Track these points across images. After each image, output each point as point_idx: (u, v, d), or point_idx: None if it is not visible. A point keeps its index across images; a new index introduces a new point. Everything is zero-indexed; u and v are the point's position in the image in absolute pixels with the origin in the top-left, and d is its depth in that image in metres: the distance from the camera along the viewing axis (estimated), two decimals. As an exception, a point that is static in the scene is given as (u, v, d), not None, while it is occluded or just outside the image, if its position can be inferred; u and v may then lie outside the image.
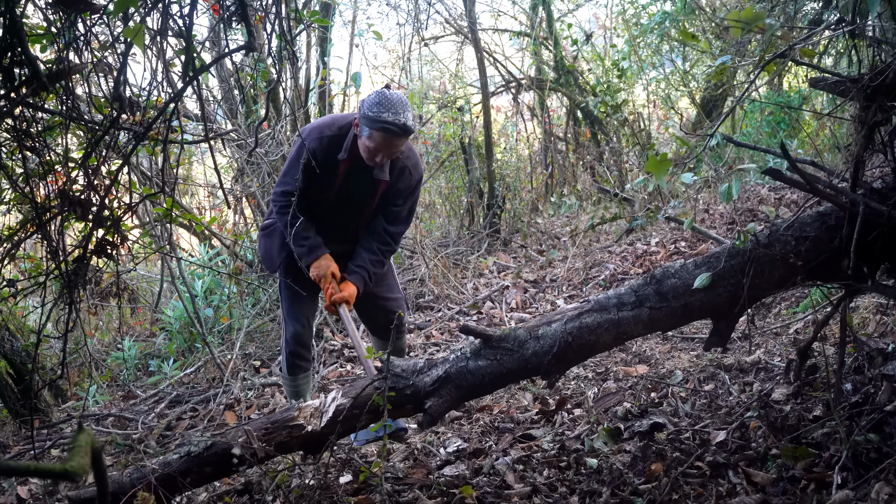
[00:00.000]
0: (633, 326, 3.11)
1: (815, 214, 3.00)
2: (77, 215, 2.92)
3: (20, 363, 5.38)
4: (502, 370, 3.16)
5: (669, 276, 3.08)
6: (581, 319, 3.13)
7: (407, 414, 3.36)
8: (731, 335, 3.29)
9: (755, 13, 2.30)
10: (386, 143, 3.65)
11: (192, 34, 2.55)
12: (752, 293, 3.00)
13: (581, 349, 3.15)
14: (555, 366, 3.15)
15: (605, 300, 3.15)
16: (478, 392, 3.32)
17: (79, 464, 1.25)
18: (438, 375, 3.18)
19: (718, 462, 3.13)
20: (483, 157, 9.85)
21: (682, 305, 3.06)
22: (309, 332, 4.40)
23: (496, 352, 3.15)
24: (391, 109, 3.59)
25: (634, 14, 11.96)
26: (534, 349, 3.13)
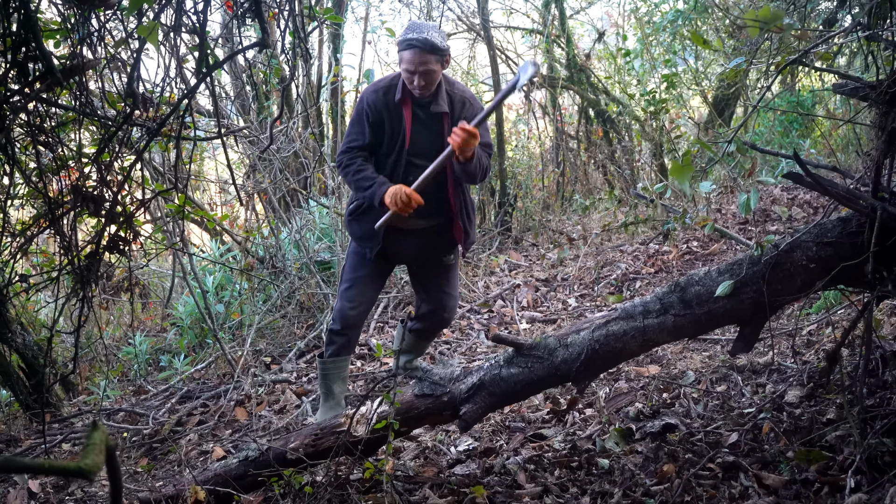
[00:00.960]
0: (659, 334, 3.16)
1: (836, 220, 2.99)
2: (90, 211, 2.92)
3: (32, 357, 5.39)
4: (533, 377, 3.27)
5: (693, 284, 3.11)
6: (608, 327, 3.20)
7: (445, 420, 3.50)
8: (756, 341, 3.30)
9: (773, 13, 2.28)
10: (413, 59, 3.82)
11: (205, 30, 2.55)
12: (774, 299, 3.01)
13: (608, 356, 3.23)
14: (583, 373, 3.23)
15: (630, 308, 3.21)
16: (510, 399, 3.45)
17: (93, 461, 1.24)
18: (473, 383, 3.33)
19: (731, 464, 3.11)
20: (494, 154, 9.82)
21: (705, 312, 3.09)
22: (358, 315, 4.37)
23: (527, 360, 3.27)
24: (415, 30, 3.81)
25: (647, 12, 11.93)
26: (563, 357, 3.23)
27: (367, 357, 5.93)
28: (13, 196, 3.68)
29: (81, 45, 2.67)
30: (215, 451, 4.40)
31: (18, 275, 3.66)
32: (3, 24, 2.49)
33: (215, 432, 4.85)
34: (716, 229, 4.36)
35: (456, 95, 4.05)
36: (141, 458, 4.61)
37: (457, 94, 4.06)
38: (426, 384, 3.42)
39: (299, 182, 8.34)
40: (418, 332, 4.65)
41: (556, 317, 6.28)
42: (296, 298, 6.89)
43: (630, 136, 11.47)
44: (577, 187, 11.74)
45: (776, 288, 2.98)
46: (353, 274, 4.36)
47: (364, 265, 4.32)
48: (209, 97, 8.00)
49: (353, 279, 4.33)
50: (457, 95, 4.06)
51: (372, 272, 4.33)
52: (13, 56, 2.44)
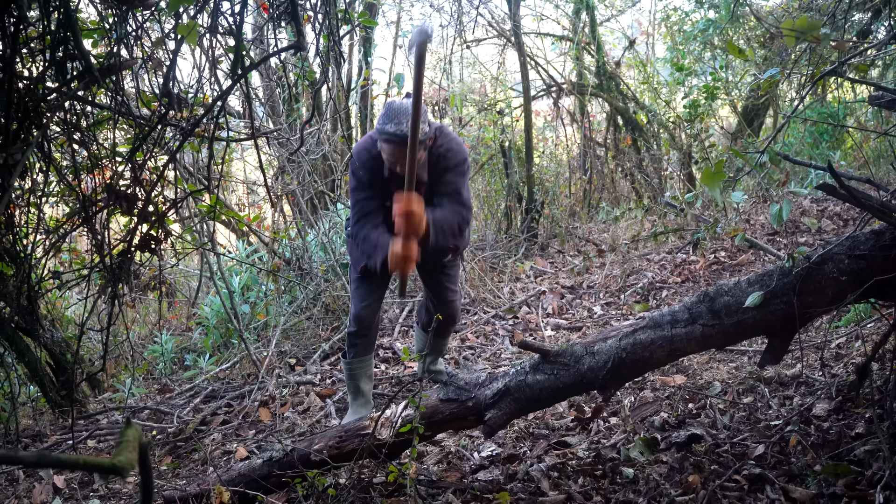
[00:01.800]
0: (686, 343, 3.15)
1: (869, 233, 2.97)
2: (122, 209, 2.94)
3: (59, 353, 5.44)
4: (559, 384, 3.27)
5: (722, 294, 3.10)
6: (635, 336, 3.19)
7: (469, 425, 3.50)
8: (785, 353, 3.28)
9: (810, 22, 2.26)
10: (392, 152, 3.78)
11: (241, 32, 2.56)
12: (805, 311, 2.98)
13: (635, 365, 3.22)
14: (610, 381, 3.23)
15: (658, 317, 3.20)
16: (536, 405, 3.45)
17: (127, 458, 1.25)
18: (498, 389, 3.33)
19: (757, 476, 3.09)
20: (522, 161, 9.82)
21: (734, 323, 3.07)
22: (370, 314, 4.43)
23: (553, 366, 3.27)
24: (393, 119, 3.70)
25: (677, 21, 11.90)
26: (589, 364, 3.22)
27: (392, 360, 5.94)
28: (48, 193, 3.71)
29: (119, 45, 2.70)
30: (239, 451, 4.42)
31: (51, 271, 3.69)
32: (44, 23, 2.51)
33: (239, 432, 4.87)
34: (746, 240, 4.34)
35: (434, 152, 4.00)
36: (165, 457, 4.63)
37: (435, 151, 4.00)
38: (451, 389, 3.42)
39: (327, 184, 8.37)
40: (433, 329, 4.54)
41: (581, 324, 6.26)
42: (321, 300, 6.91)
43: (658, 145, 11.43)
44: (604, 195, 11.72)
45: (807, 300, 2.96)
46: (357, 273, 4.41)
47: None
48: (240, 99, 8.07)
49: (359, 278, 4.37)
50: (434, 152, 3.99)
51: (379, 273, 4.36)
52: (52, 54, 2.47)
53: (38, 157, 3.01)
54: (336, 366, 6.03)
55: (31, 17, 2.90)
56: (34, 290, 3.43)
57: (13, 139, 2.55)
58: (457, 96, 9.96)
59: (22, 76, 2.83)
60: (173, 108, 2.81)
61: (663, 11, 12.26)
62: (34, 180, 3.25)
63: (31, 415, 5.69)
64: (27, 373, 5.51)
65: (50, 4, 2.50)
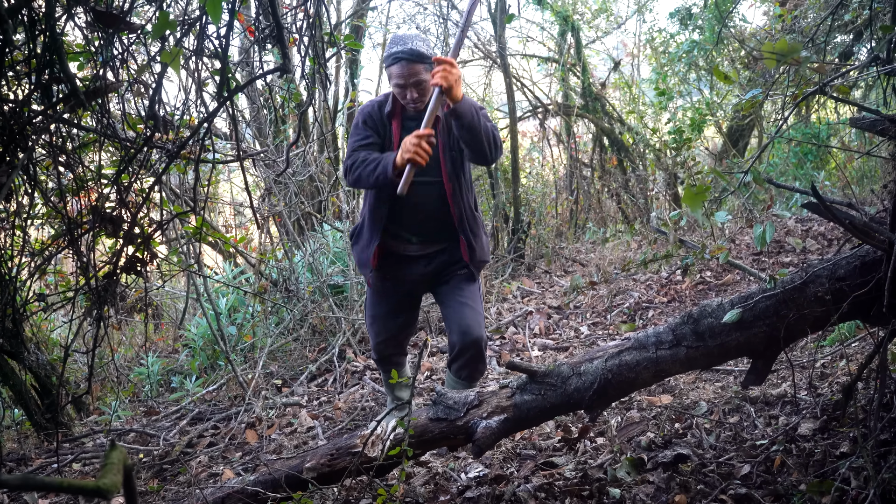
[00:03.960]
0: (671, 365, 3.18)
1: (851, 255, 2.99)
2: (108, 231, 2.94)
3: (45, 376, 5.42)
4: (546, 404, 3.29)
5: (706, 316, 3.12)
6: (621, 357, 3.22)
7: (458, 444, 3.51)
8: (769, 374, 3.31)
9: (790, 45, 2.29)
10: (402, 73, 3.77)
11: (227, 55, 2.58)
12: (788, 333, 3.01)
13: (621, 385, 3.25)
14: (596, 401, 3.25)
15: (644, 339, 3.23)
16: (523, 425, 3.45)
17: (111, 481, 1.25)
18: (488, 410, 3.35)
19: (743, 496, 3.10)
20: (509, 181, 9.86)
21: (718, 345, 3.10)
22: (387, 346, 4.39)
23: (541, 387, 3.30)
24: (398, 42, 3.75)
25: (662, 42, 11.99)
26: (576, 385, 3.25)
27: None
28: (33, 216, 3.71)
29: (104, 68, 2.70)
30: (226, 473, 4.40)
31: (36, 294, 3.68)
32: (29, 46, 2.52)
33: (226, 454, 4.86)
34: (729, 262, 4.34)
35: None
36: (151, 479, 4.61)
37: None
38: (440, 408, 3.42)
39: (314, 206, 8.38)
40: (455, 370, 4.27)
41: (568, 344, 6.27)
42: (308, 322, 6.91)
43: (644, 165, 11.50)
44: (590, 215, 11.76)
45: (790, 322, 2.99)
46: (371, 311, 4.37)
47: (381, 302, 4.31)
48: (227, 121, 8.09)
49: (373, 317, 4.35)
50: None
51: (392, 308, 4.30)
52: (37, 77, 2.47)
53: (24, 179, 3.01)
54: (323, 387, 6.02)
55: (16, 41, 2.91)
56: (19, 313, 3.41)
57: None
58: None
59: (7, 99, 2.84)
60: (159, 130, 2.81)
61: (648, 33, 12.37)
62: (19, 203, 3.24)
63: (15, 438, 5.66)
64: (12, 396, 5.48)
65: (35, 28, 2.51)
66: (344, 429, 5.03)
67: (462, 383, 4.23)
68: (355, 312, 6.98)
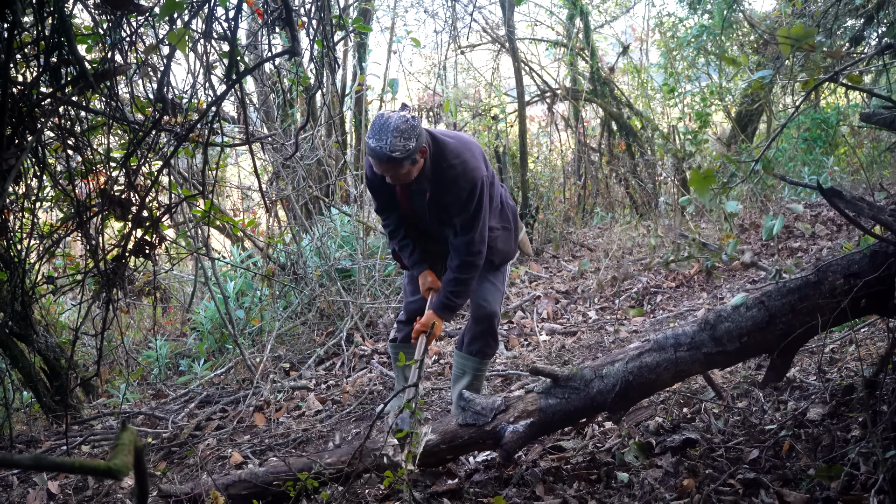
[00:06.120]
0: (691, 365, 3.24)
1: (864, 251, 3.00)
2: (117, 215, 2.94)
3: (53, 359, 5.43)
4: (570, 408, 3.37)
5: (723, 321, 3.17)
6: (641, 359, 3.28)
7: (487, 448, 3.61)
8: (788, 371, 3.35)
9: (805, 31, 2.27)
10: (378, 167, 3.72)
11: (236, 37, 2.57)
12: (804, 332, 3.04)
13: (642, 387, 3.31)
14: (619, 403, 3.31)
15: (663, 340, 3.28)
16: (549, 428, 3.52)
17: (122, 462, 1.25)
18: (514, 413, 3.43)
19: (751, 480, 3.09)
20: (517, 166, 9.83)
21: (737, 348, 3.15)
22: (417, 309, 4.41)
23: (565, 391, 3.38)
24: (375, 135, 3.62)
25: (671, 27, 11.92)
26: (598, 388, 3.32)
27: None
28: (42, 198, 3.71)
29: (113, 50, 2.70)
30: (234, 457, 4.41)
31: (45, 276, 3.68)
32: (38, 28, 2.52)
33: (234, 437, 4.87)
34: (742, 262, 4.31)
35: (446, 173, 3.87)
36: (160, 462, 4.62)
37: (446, 172, 3.87)
38: (469, 414, 3.51)
39: (322, 190, 8.38)
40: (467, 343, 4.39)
41: (575, 329, 6.27)
42: (316, 305, 6.91)
43: (653, 150, 11.45)
44: (598, 200, 11.73)
45: (805, 319, 3.03)
46: (404, 291, 4.56)
47: (411, 282, 4.44)
48: (235, 104, 8.08)
49: (409, 275, 4.43)
50: (446, 173, 3.87)
51: (417, 289, 4.38)
52: (46, 60, 2.47)
53: (33, 162, 3.01)
54: (331, 371, 6.03)
55: (25, 23, 2.90)
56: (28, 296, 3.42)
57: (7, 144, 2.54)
58: (451, 102, 9.95)
59: (16, 81, 2.83)
60: (168, 113, 2.81)
61: (657, 17, 12.29)
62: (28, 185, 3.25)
63: (25, 420, 5.68)
64: (21, 378, 5.50)
65: (44, 10, 2.50)
66: (352, 413, 5.04)
67: (472, 359, 4.30)
68: (363, 296, 6.99)
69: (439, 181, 3.88)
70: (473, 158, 3.93)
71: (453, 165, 3.86)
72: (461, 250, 3.98)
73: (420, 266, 4.26)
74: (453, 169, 3.85)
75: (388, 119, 3.65)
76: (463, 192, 3.87)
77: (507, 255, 4.30)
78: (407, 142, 3.62)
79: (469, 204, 3.89)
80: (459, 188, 3.86)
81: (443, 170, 3.85)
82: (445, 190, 3.89)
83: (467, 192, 3.86)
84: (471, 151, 3.96)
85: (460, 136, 4.13)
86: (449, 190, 3.88)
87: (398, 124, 3.62)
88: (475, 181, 3.88)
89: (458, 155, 3.89)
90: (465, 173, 3.86)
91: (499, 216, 4.24)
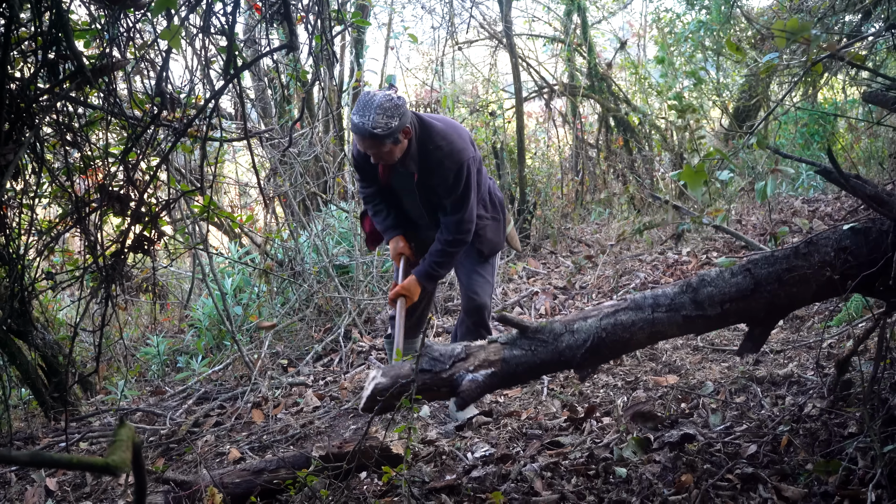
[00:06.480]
0: (668, 327, 3.12)
1: (858, 227, 2.94)
2: (115, 210, 2.94)
3: (51, 356, 5.43)
4: (536, 360, 3.21)
5: (706, 285, 3.06)
6: (616, 316, 3.15)
7: (442, 397, 3.44)
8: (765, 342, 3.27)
9: (801, 23, 2.27)
10: (361, 143, 3.81)
11: (234, 32, 2.56)
12: (789, 302, 2.97)
13: (615, 345, 3.18)
14: (588, 359, 3.19)
15: (640, 300, 3.16)
16: (511, 381, 3.37)
17: (120, 458, 1.25)
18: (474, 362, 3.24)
19: (749, 475, 3.10)
20: (514, 162, 9.83)
21: (718, 314, 3.04)
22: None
23: (531, 342, 3.21)
24: (359, 111, 3.73)
25: (668, 23, 11.92)
26: (568, 342, 3.17)
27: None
28: (40, 194, 3.70)
29: (111, 46, 2.69)
30: (231, 453, 4.41)
31: (45, 272, 3.68)
32: (35, 24, 2.51)
33: (232, 434, 4.87)
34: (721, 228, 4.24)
35: (432, 154, 3.95)
36: (158, 458, 4.62)
37: (433, 154, 3.95)
38: (426, 359, 3.29)
39: (319, 186, 8.37)
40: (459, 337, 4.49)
41: (573, 325, 6.26)
42: (314, 302, 6.91)
43: (650, 146, 11.45)
44: (595, 196, 11.73)
45: (791, 290, 2.95)
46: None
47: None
48: (232, 100, 8.07)
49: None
50: (433, 154, 3.95)
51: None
52: (44, 55, 2.47)
53: (31, 157, 3.01)
54: (329, 367, 6.03)
55: (22, 18, 2.90)
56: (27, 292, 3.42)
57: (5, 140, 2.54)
58: (448, 97, 9.94)
59: (14, 77, 2.83)
60: (166, 108, 2.80)
61: (654, 13, 12.29)
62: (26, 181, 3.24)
63: (22, 417, 5.68)
64: (19, 375, 5.50)
65: (42, 5, 2.49)
66: (350, 409, 5.04)
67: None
68: (361, 293, 6.98)
69: (426, 162, 3.96)
70: (460, 139, 4.02)
71: (439, 147, 3.94)
72: (451, 228, 4.08)
73: (393, 231, 4.35)
74: (439, 150, 3.93)
75: (374, 97, 3.73)
76: (449, 174, 3.95)
77: (495, 246, 4.39)
78: (390, 120, 3.70)
79: (457, 185, 3.98)
80: (445, 169, 3.94)
81: (429, 151, 3.93)
82: (432, 171, 3.97)
83: (454, 174, 3.95)
84: (457, 133, 4.05)
85: (447, 119, 4.23)
86: (435, 171, 3.96)
87: (382, 102, 3.70)
88: (461, 162, 3.96)
89: (445, 136, 3.97)
90: (452, 154, 3.95)
91: (489, 206, 4.34)
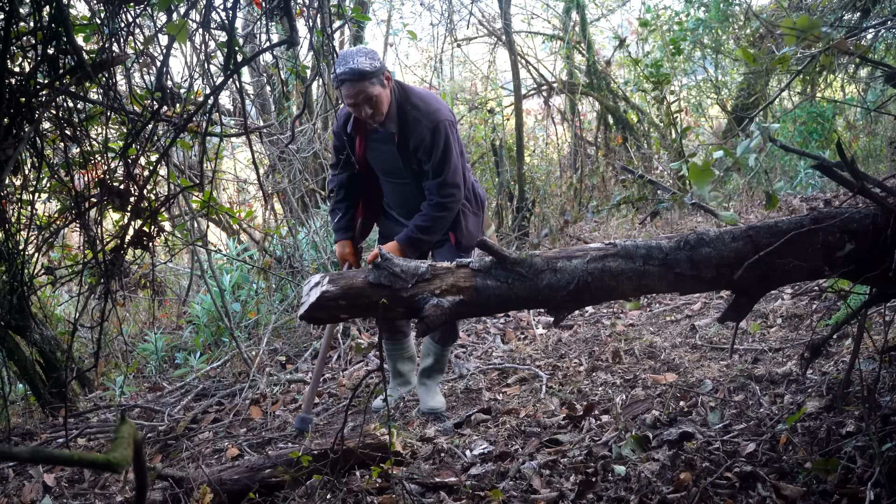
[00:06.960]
0: (657, 282, 2.95)
1: (865, 212, 2.88)
2: (115, 205, 2.93)
3: (49, 352, 5.42)
4: (511, 295, 2.94)
5: (704, 245, 2.90)
6: (605, 262, 2.92)
7: (397, 316, 3.07)
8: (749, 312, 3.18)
9: (811, 21, 2.26)
10: (350, 92, 3.88)
11: (234, 27, 2.56)
12: (782, 276, 2.92)
13: (599, 292, 2.96)
14: (568, 303, 2.96)
15: (632, 248, 2.94)
16: (480, 312, 3.12)
17: (121, 455, 1.24)
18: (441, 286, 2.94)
19: (748, 473, 3.10)
20: (513, 159, 9.83)
21: (712, 277, 2.91)
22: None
23: (508, 275, 2.93)
24: (342, 62, 3.83)
25: (667, 20, 11.92)
26: (549, 281, 2.92)
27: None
28: (40, 189, 3.70)
29: (111, 40, 2.69)
30: (230, 450, 4.41)
31: (44, 267, 3.67)
32: (35, 18, 2.51)
33: (230, 431, 4.86)
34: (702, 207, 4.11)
35: (409, 114, 4.07)
36: (155, 455, 4.62)
37: (410, 113, 4.07)
38: (385, 273, 2.92)
39: (318, 183, 8.37)
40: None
41: (572, 323, 6.27)
42: (312, 298, 6.89)
43: (649, 144, 11.45)
44: (594, 194, 11.73)
45: (788, 266, 2.84)
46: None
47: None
48: (231, 95, 8.06)
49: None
50: (410, 114, 4.07)
51: None
52: (44, 50, 2.46)
53: (30, 153, 3.00)
54: (327, 364, 6.03)
55: (22, 13, 2.89)
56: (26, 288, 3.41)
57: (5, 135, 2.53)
58: (447, 95, 9.94)
59: (13, 72, 2.82)
60: (166, 103, 2.80)
61: (653, 11, 12.28)
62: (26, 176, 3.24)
63: (20, 413, 5.67)
64: (17, 371, 5.49)
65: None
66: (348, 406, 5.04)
67: (436, 346, 4.64)
68: (359, 289, 6.96)
69: (404, 123, 4.07)
70: (436, 101, 4.17)
71: (416, 106, 4.07)
72: (433, 191, 4.15)
73: (343, 234, 4.48)
74: (417, 109, 4.06)
75: (350, 49, 3.94)
76: (426, 132, 4.05)
77: (473, 239, 4.41)
78: (373, 61, 3.87)
79: (434, 145, 4.06)
80: (422, 127, 4.05)
81: (406, 111, 4.06)
82: (410, 132, 4.07)
83: (430, 132, 4.05)
84: (434, 98, 4.22)
85: (427, 90, 4.45)
86: (413, 131, 4.07)
87: (360, 48, 3.93)
88: (438, 121, 4.07)
89: (422, 98, 4.14)
90: (429, 114, 4.07)
91: (472, 200, 4.44)
